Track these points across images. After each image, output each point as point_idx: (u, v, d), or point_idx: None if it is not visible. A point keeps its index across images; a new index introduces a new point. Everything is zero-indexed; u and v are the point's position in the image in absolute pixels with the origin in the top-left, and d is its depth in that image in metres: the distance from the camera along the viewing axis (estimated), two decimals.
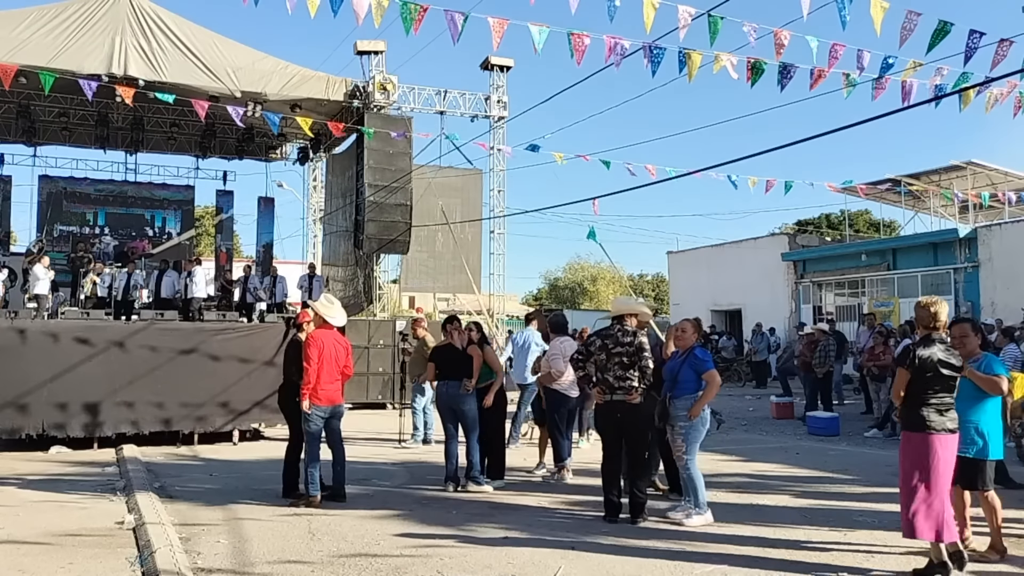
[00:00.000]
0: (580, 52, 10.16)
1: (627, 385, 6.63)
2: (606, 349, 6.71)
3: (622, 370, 6.64)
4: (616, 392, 6.63)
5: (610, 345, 6.71)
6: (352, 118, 18.03)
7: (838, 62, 11.10)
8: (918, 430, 5.13)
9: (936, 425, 5.10)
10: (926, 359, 5.13)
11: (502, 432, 8.62)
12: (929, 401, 5.13)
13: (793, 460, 10.04)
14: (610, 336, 6.77)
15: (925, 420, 5.11)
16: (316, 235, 24.49)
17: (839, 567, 5.34)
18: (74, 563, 5.39)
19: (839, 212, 39.15)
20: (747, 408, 16.57)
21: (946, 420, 5.13)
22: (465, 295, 24.26)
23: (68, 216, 23.60)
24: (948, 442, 5.12)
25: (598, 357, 6.73)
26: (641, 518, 6.60)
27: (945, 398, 5.15)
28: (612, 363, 6.66)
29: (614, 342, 6.72)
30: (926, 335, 5.30)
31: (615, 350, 6.69)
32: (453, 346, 8.21)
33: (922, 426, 5.12)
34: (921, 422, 5.12)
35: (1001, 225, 21.53)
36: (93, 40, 15.33)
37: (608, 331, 6.86)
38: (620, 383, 6.63)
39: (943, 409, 5.13)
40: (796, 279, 26.18)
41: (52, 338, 10.66)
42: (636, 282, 57.82)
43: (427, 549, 5.74)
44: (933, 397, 5.13)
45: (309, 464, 7.22)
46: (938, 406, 5.13)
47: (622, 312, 6.92)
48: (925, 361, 5.14)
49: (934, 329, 5.29)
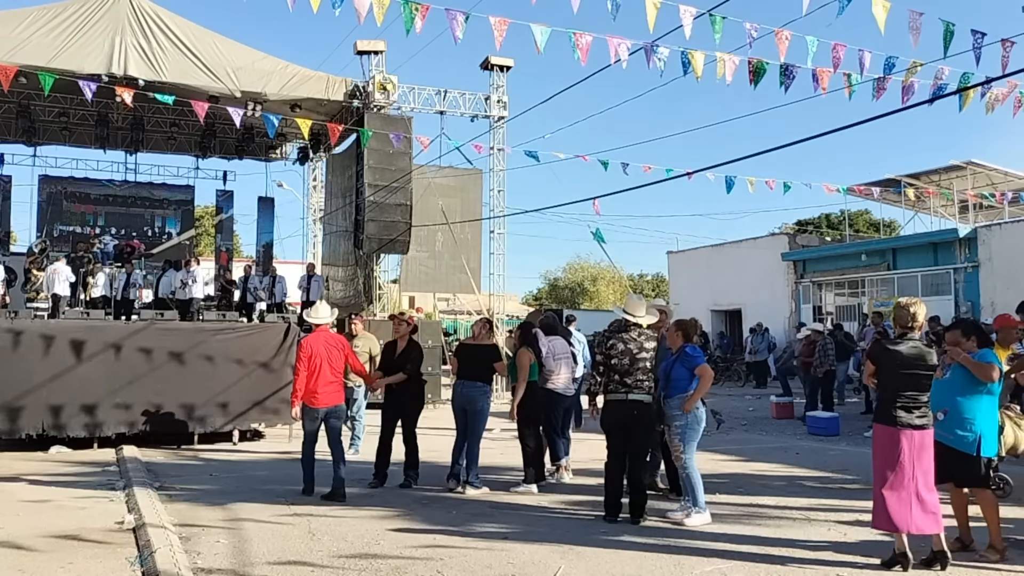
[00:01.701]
0: (584, 51, 10.17)
1: (646, 386, 6.65)
2: (630, 354, 6.65)
3: (643, 375, 6.66)
4: (633, 391, 6.62)
5: (634, 350, 6.67)
6: (352, 118, 18.02)
7: (840, 63, 11.11)
8: (887, 424, 5.34)
9: (904, 420, 5.28)
10: (892, 353, 5.38)
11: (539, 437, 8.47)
12: (899, 397, 5.32)
13: (793, 460, 10.04)
14: (633, 340, 6.71)
15: (894, 415, 5.31)
16: (316, 235, 24.48)
17: (839, 567, 5.34)
18: (74, 563, 5.39)
19: (839, 212, 39.18)
20: (747, 408, 16.58)
21: (914, 417, 5.29)
22: (465, 295, 24.23)
23: (68, 216, 23.60)
24: (916, 437, 5.29)
25: (621, 361, 6.66)
26: (642, 518, 6.60)
27: (915, 395, 5.32)
28: (636, 368, 6.64)
29: (638, 347, 6.68)
30: (902, 333, 5.49)
31: (639, 355, 6.66)
32: (477, 345, 8.22)
33: (891, 421, 5.32)
34: (890, 417, 5.33)
35: (1001, 225, 21.54)
36: (93, 40, 15.32)
37: (628, 333, 6.76)
38: (639, 384, 6.63)
39: (912, 406, 5.30)
40: (796, 279, 26.18)
41: (52, 338, 10.65)
42: (636, 282, 57.81)
43: (427, 549, 5.74)
44: (903, 394, 5.31)
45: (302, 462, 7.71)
46: (907, 403, 5.30)
47: (639, 314, 6.83)
48: (892, 356, 5.37)
49: (911, 328, 5.46)
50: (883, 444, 5.37)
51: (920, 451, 5.29)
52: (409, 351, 8.29)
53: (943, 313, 17.76)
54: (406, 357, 8.24)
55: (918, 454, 5.28)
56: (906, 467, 5.25)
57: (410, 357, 8.25)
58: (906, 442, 5.26)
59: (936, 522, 5.26)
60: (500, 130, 19.63)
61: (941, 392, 5.59)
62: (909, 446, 5.26)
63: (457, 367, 8.18)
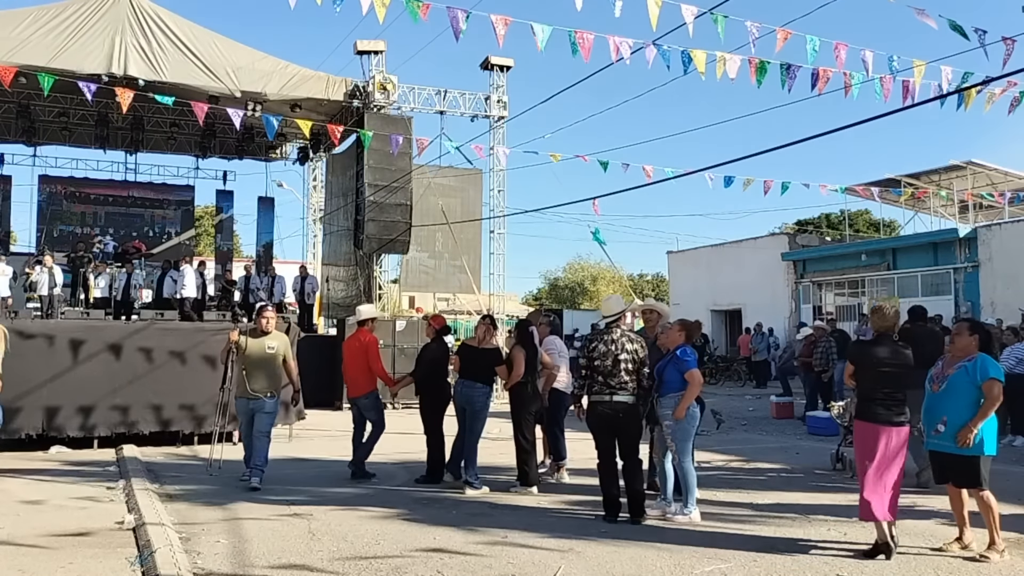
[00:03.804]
0: (586, 50, 10.16)
1: (630, 387, 6.63)
2: (612, 355, 6.63)
3: (627, 375, 6.63)
4: (617, 393, 6.61)
5: (615, 351, 6.64)
6: (352, 118, 18.02)
7: (843, 63, 11.11)
8: (866, 421, 5.65)
9: (882, 417, 5.58)
10: (870, 353, 5.73)
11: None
12: (877, 395, 5.62)
13: (793, 460, 10.04)
14: (613, 341, 6.68)
15: (873, 412, 5.62)
16: (316, 235, 24.50)
17: (839, 567, 5.34)
18: (74, 563, 5.39)
19: (839, 212, 39.18)
20: (747, 408, 16.58)
21: (892, 413, 5.58)
22: (465, 295, 24.24)
23: (68, 216, 23.63)
24: (894, 433, 5.56)
25: (603, 363, 6.63)
26: (642, 516, 6.61)
27: (892, 393, 5.60)
28: (618, 368, 6.62)
29: (619, 348, 6.66)
30: (879, 334, 5.81)
31: (621, 356, 6.64)
32: (480, 349, 8.22)
33: (870, 417, 5.63)
34: (869, 413, 5.64)
35: (1001, 225, 21.55)
36: (93, 40, 15.33)
37: (608, 335, 6.74)
38: (623, 385, 6.61)
39: (890, 404, 5.58)
40: (796, 279, 26.19)
41: (52, 338, 10.65)
42: (636, 282, 57.82)
43: (427, 549, 5.74)
44: (880, 391, 5.61)
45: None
46: (885, 400, 5.59)
47: (614, 313, 6.87)
48: (869, 355, 5.72)
49: (887, 329, 5.79)
50: (863, 440, 5.65)
51: (899, 447, 5.55)
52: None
53: (943, 313, 17.77)
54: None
55: (896, 449, 5.54)
56: (885, 461, 5.51)
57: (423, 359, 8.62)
58: (884, 437, 5.53)
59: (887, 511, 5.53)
60: (500, 130, 19.62)
61: (939, 403, 5.63)
62: (887, 441, 5.52)
63: (459, 366, 8.20)
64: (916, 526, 6.37)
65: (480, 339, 8.28)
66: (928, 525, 6.43)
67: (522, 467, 7.98)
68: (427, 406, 8.49)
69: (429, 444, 8.45)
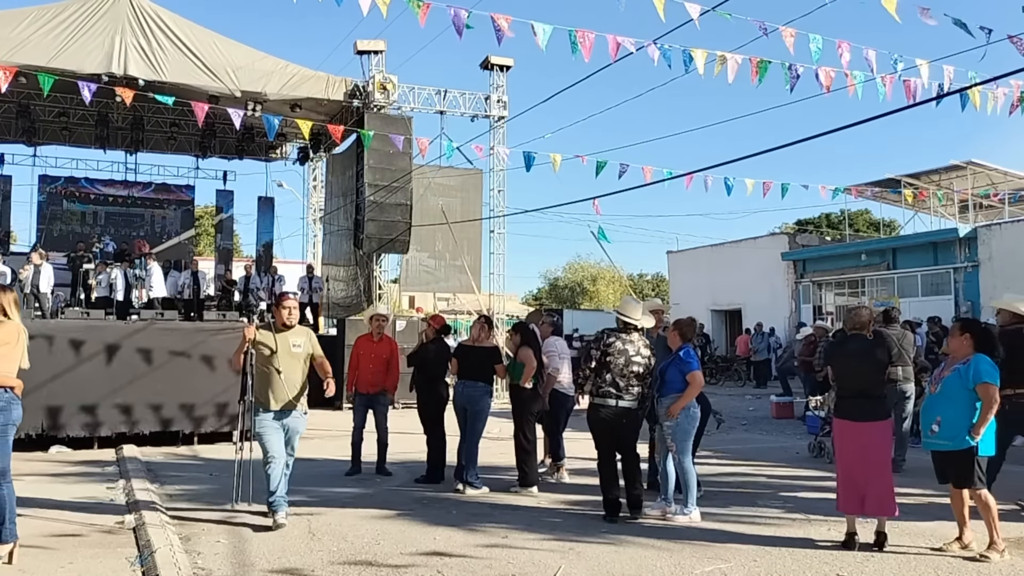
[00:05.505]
0: (587, 49, 10.15)
1: (635, 391, 6.63)
2: (626, 355, 6.63)
3: (637, 380, 6.64)
4: (623, 398, 6.61)
5: (631, 352, 6.64)
6: (352, 118, 18.03)
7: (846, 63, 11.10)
8: (840, 417, 5.91)
9: (854, 414, 5.79)
10: (843, 353, 6.03)
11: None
12: (851, 393, 5.82)
13: (793, 460, 10.04)
14: (632, 343, 6.68)
15: (845, 408, 5.85)
16: (316, 235, 24.51)
17: (839, 566, 5.34)
18: (74, 563, 5.39)
19: (839, 212, 39.18)
20: (747, 408, 16.58)
21: (863, 411, 5.76)
22: (465, 295, 24.23)
23: (68, 216, 23.61)
24: (866, 429, 5.74)
25: (616, 360, 6.63)
26: (641, 514, 6.62)
27: (867, 390, 5.78)
28: (629, 371, 6.62)
29: (635, 350, 6.66)
30: (852, 333, 6.05)
31: (635, 358, 6.64)
32: (477, 348, 8.22)
33: (846, 414, 5.86)
34: (844, 411, 5.87)
35: (1001, 225, 21.56)
36: (93, 40, 15.33)
37: (628, 335, 6.72)
38: (629, 388, 6.62)
39: (862, 401, 5.77)
40: (796, 279, 26.19)
41: (52, 338, 10.64)
42: (636, 282, 57.82)
43: (427, 549, 5.74)
44: (855, 389, 5.80)
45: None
46: (856, 398, 5.78)
47: (637, 319, 6.77)
48: (843, 355, 6.02)
49: (860, 329, 6.01)
50: (840, 436, 5.91)
51: (875, 443, 5.75)
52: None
53: (943, 313, 17.77)
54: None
55: (871, 446, 5.72)
56: (858, 456, 5.72)
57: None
58: (857, 434, 5.74)
59: (885, 508, 5.72)
60: (500, 130, 19.62)
61: (934, 405, 5.65)
62: (859, 437, 5.73)
63: (457, 367, 8.19)
64: (916, 526, 6.37)
65: (475, 338, 8.29)
66: (928, 525, 6.43)
67: (522, 467, 7.97)
68: (426, 406, 8.48)
69: (429, 444, 8.45)
